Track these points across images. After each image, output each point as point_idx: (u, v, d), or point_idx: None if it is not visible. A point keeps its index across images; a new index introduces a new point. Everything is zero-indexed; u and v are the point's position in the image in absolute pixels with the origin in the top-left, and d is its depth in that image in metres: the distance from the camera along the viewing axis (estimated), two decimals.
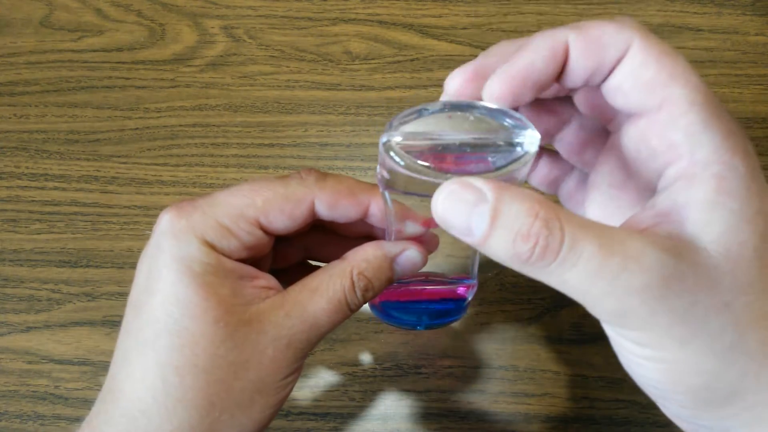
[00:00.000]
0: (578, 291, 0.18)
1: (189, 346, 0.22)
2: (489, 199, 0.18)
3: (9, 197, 0.43)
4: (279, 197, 0.24)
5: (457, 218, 0.18)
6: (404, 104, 0.45)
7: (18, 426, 0.37)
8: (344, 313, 0.24)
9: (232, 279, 0.23)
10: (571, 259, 0.17)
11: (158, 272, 0.22)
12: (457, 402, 0.38)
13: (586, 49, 0.20)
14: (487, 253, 0.18)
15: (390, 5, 0.48)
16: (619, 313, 0.18)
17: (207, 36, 0.47)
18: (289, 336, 0.23)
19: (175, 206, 0.23)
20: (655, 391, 0.19)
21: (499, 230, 0.17)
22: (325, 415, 0.37)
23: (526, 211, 0.17)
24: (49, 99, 0.45)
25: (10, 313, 0.40)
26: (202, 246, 0.23)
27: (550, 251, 0.17)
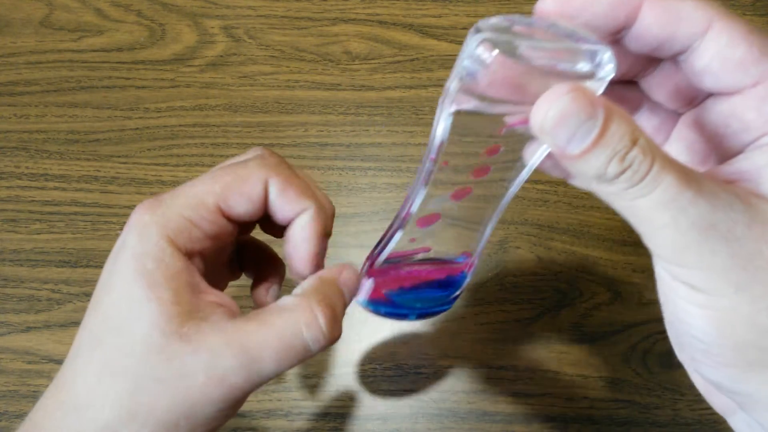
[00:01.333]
0: (644, 218, 0.18)
1: (128, 348, 0.21)
2: (599, 116, 0.17)
3: (9, 197, 0.43)
4: (237, 180, 0.24)
5: (563, 128, 0.17)
6: (404, 104, 0.45)
7: (18, 426, 0.37)
8: (297, 353, 0.22)
9: (178, 282, 0.22)
10: (650, 186, 0.17)
11: (118, 269, 0.22)
12: (457, 402, 0.38)
13: (661, 17, 0.19)
14: (572, 166, 0.18)
15: (390, 5, 0.48)
16: (679, 248, 0.18)
17: (207, 36, 0.47)
18: (225, 368, 0.21)
19: (144, 202, 0.23)
20: (700, 344, 0.19)
21: (600, 148, 0.17)
22: (325, 415, 0.37)
23: (630, 134, 0.17)
24: (49, 99, 0.45)
25: (10, 313, 0.40)
26: (161, 241, 0.22)
27: (637, 176, 0.17)
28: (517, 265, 0.41)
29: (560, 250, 0.41)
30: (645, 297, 0.40)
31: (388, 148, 0.44)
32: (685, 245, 0.17)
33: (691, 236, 0.17)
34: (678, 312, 0.19)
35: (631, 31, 0.20)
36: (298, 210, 0.25)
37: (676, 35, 0.19)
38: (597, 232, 0.41)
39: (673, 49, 0.20)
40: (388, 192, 0.43)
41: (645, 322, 0.39)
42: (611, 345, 0.39)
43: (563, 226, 0.41)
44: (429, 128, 0.42)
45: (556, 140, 0.18)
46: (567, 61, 0.18)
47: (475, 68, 0.19)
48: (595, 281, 0.40)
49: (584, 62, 0.19)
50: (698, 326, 0.18)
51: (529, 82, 0.18)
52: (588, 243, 0.41)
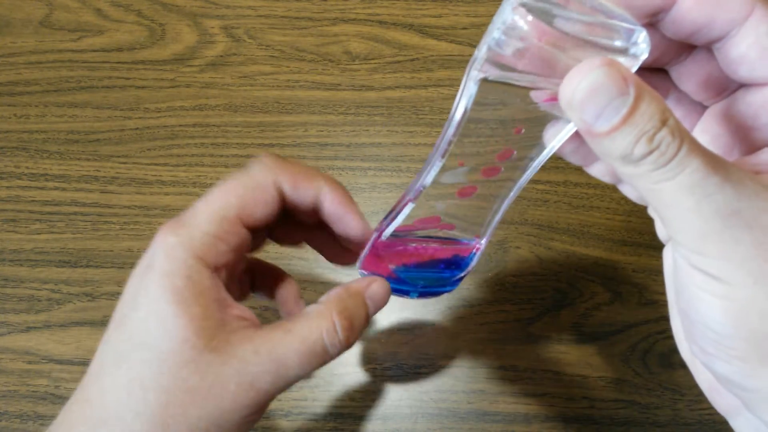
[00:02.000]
0: (668, 202, 0.17)
1: (157, 363, 0.22)
2: (631, 93, 0.17)
3: (9, 197, 0.43)
4: (250, 189, 0.25)
5: (592, 102, 0.17)
6: (404, 104, 0.45)
7: (18, 426, 0.37)
8: (318, 357, 0.23)
9: (206, 298, 0.23)
10: (676, 169, 0.17)
11: (145, 289, 0.23)
12: (457, 402, 0.38)
13: (702, 2, 0.19)
14: (597, 145, 0.18)
15: (390, 5, 0.48)
16: (701, 234, 0.17)
17: (207, 36, 0.47)
18: (254, 374, 0.22)
19: (166, 224, 0.24)
20: (713, 335, 0.18)
21: (628, 127, 0.17)
22: (325, 415, 0.37)
23: (660, 114, 0.17)
24: (49, 99, 0.45)
25: (10, 313, 0.40)
26: (189, 259, 0.23)
27: (664, 158, 0.17)
28: (517, 265, 0.41)
29: (560, 250, 0.41)
30: (645, 297, 0.40)
31: (388, 148, 0.44)
32: (708, 232, 0.17)
33: (714, 223, 0.17)
34: (693, 301, 0.19)
35: (670, 14, 0.19)
36: (314, 192, 0.26)
37: (716, 21, 0.19)
38: (597, 232, 0.41)
39: (710, 35, 0.19)
40: (388, 192, 0.43)
41: (645, 322, 0.39)
42: (611, 345, 0.39)
43: (563, 226, 0.41)
44: (429, 128, 0.43)
45: (585, 115, 0.17)
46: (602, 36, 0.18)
47: (507, 34, 0.18)
48: (595, 281, 0.40)
49: (619, 39, 0.18)
50: (713, 316, 0.18)
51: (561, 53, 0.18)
52: (588, 243, 0.41)
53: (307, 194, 0.26)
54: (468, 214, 0.27)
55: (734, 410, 0.21)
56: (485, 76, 0.20)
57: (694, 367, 0.23)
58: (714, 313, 0.18)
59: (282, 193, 0.26)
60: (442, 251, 0.28)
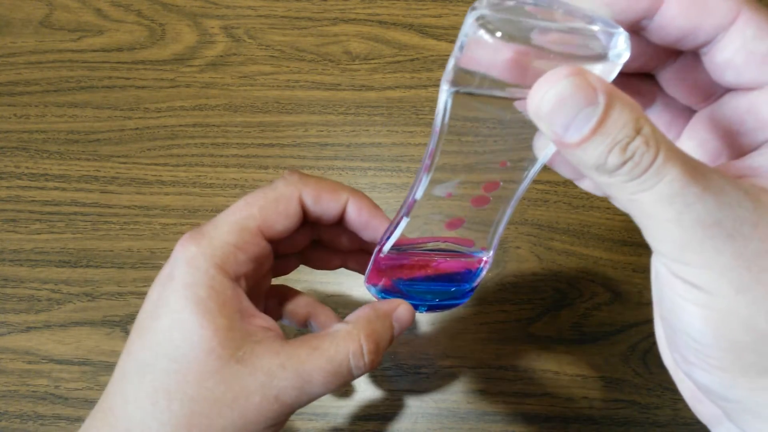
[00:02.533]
0: (646, 213, 0.17)
1: (182, 373, 0.22)
2: (600, 102, 0.16)
3: (9, 197, 0.43)
4: (271, 201, 0.25)
5: (560, 113, 0.16)
6: (404, 104, 0.45)
7: (18, 426, 0.37)
8: (342, 378, 0.24)
9: (230, 309, 0.23)
10: (653, 179, 0.16)
11: (166, 298, 0.23)
12: (457, 402, 0.38)
13: (687, 7, 0.19)
14: (570, 155, 0.17)
15: (390, 5, 0.48)
16: (681, 245, 0.17)
17: (207, 36, 0.47)
18: (279, 388, 0.23)
19: (186, 235, 0.24)
20: (694, 344, 0.18)
21: (599, 137, 0.16)
22: (325, 415, 0.38)
23: (633, 122, 0.16)
24: (49, 99, 0.45)
25: (10, 313, 0.40)
26: (210, 269, 0.23)
27: (639, 168, 0.16)
28: (517, 265, 0.41)
29: (560, 250, 0.41)
30: (645, 297, 0.40)
31: (388, 148, 0.44)
32: (688, 242, 0.17)
33: (694, 233, 0.16)
34: (675, 309, 0.18)
35: (654, 21, 0.19)
36: (338, 204, 0.27)
37: (701, 26, 0.19)
38: (597, 232, 0.41)
39: (696, 40, 0.19)
40: (388, 192, 0.43)
41: (645, 322, 0.39)
42: (611, 345, 0.39)
43: (563, 226, 0.41)
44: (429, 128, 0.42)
45: (553, 127, 0.17)
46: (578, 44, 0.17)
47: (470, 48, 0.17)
48: (595, 281, 0.40)
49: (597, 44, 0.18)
50: (694, 325, 0.18)
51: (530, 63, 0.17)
52: (588, 243, 0.41)
53: (331, 206, 0.26)
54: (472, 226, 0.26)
55: (716, 420, 0.21)
56: (456, 89, 0.19)
57: (677, 375, 0.23)
58: (695, 322, 0.18)
59: (305, 207, 0.26)
60: (448, 264, 0.28)
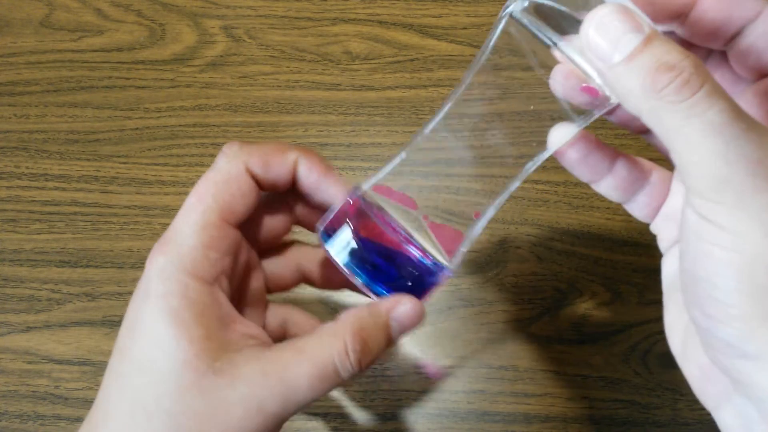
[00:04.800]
0: (693, 143, 0.17)
1: (159, 387, 0.21)
2: (645, 29, 0.17)
3: (9, 197, 0.43)
4: (222, 184, 0.24)
5: (607, 33, 0.18)
6: (404, 104, 0.45)
7: (18, 426, 0.37)
8: (331, 381, 0.22)
9: (209, 318, 0.22)
10: (703, 105, 0.17)
11: (142, 313, 0.22)
12: (457, 402, 0.38)
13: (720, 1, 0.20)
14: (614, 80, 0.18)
15: (390, 5, 0.48)
16: (721, 180, 0.17)
17: (207, 36, 0.47)
18: (262, 398, 0.21)
19: (154, 247, 0.23)
20: (715, 292, 0.18)
21: (646, 55, 0.17)
22: (325, 415, 0.37)
23: (679, 50, 0.17)
24: (49, 99, 0.45)
25: (10, 313, 0.40)
26: (181, 277, 0.22)
27: (689, 87, 0.17)
28: (517, 265, 0.41)
29: (560, 250, 0.41)
30: (645, 297, 0.40)
31: (388, 148, 0.44)
32: (729, 177, 0.17)
33: (738, 168, 0.17)
34: (699, 256, 0.19)
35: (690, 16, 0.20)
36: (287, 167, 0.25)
37: (732, 18, 0.20)
38: (597, 232, 0.41)
39: (727, 34, 0.20)
40: None
41: (645, 322, 0.39)
42: (611, 345, 0.39)
43: (563, 226, 0.41)
44: None
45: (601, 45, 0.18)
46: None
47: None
48: (595, 281, 0.40)
49: None
50: (718, 271, 0.18)
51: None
52: (588, 243, 0.41)
53: (281, 170, 0.25)
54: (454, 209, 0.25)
55: (724, 397, 0.21)
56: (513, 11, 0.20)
57: (684, 358, 0.22)
58: (719, 268, 0.18)
59: (256, 177, 0.25)
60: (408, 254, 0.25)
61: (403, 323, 0.24)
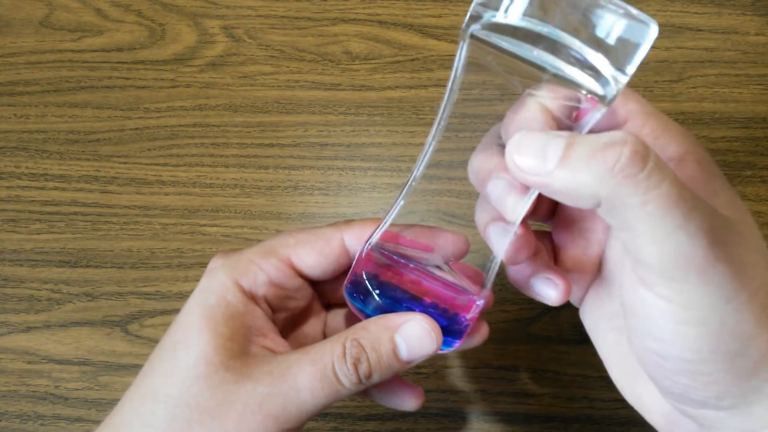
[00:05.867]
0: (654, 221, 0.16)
1: (172, 375, 0.22)
2: (563, 134, 0.18)
3: (9, 197, 0.43)
4: (311, 236, 0.25)
5: (531, 153, 0.17)
6: (404, 104, 0.45)
7: (18, 426, 0.37)
8: (330, 385, 0.22)
9: (238, 322, 0.23)
10: (658, 176, 0.16)
11: (186, 306, 0.24)
12: (457, 402, 0.38)
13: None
14: (561, 184, 0.17)
15: (390, 5, 0.48)
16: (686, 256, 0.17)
17: (207, 36, 0.47)
18: (263, 395, 0.21)
19: (220, 251, 0.25)
20: (689, 366, 0.18)
21: (580, 146, 0.17)
22: (325, 415, 0.37)
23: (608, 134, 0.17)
24: (49, 99, 0.45)
25: (10, 313, 0.40)
26: (226, 280, 0.23)
27: (639, 156, 0.16)
28: None
29: None
30: None
31: (388, 148, 0.44)
32: (691, 252, 0.17)
33: (698, 241, 0.17)
34: (666, 336, 0.18)
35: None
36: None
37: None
38: None
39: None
40: (388, 192, 0.43)
41: None
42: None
43: None
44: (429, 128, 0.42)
45: (532, 164, 0.18)
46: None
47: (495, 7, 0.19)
48: None
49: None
50: (689, 346, 0.18)
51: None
52: None
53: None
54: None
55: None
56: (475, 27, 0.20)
57: (642, 407, 0.24)
58: (689, 342, 0.18)
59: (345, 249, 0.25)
60: (436, 291, 0.24)
61: (411, 343, 0.23)
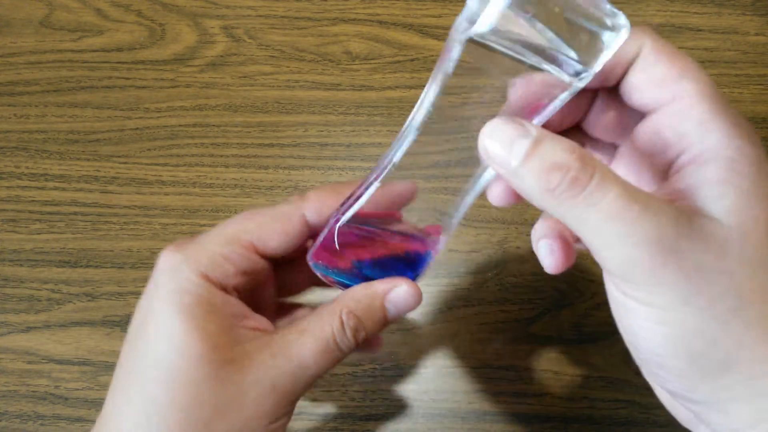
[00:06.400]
0: (594, 233, 0.18)
1: (172, 382, 0.22)
2: (531, 131, 0.18)
3: (9, 197, 0.43)
4: (269, 217, 0.25)
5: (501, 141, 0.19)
6: (404, 104, 0.45)
7: (18, 426, 0.37)
8: (333, 355, 0.24)
9: (221, 315, 0.23)
10: (597, 196, 0.18)
11: (152, 307, 0.23)
12: (457, 402, 0.38)
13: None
14: (516, 183, 0.19)
15: (390, 5, 0.48)
16: (630, 262, 0.18)
17: (207, 36, 0.47)
18: (273, 377, 0.22)
19: (172, 244, 0.24)
20: (657, 359, 0.20)
21: (536, 158, 0.18)
22: (326, 415, 0.38)
23: (565, 147, 0.18)
24: (49, 99, 0.45)
25: (10, 313, 0.40)
26: (195, 277, 0.23)
27: (579, 183, 0.18)
28: (517, 265, 0.41)
29: None
30: None
31: (388, 148, 0.44)
32: (636, 259, 0.18)
33: (641, 250, 0.18)
34: (634, 329, 0.20)
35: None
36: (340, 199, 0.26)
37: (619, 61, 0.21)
38: None
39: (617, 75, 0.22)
40: None
41: None
42: (611, 345, 0.39)
43: None
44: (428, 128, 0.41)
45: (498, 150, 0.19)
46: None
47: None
48: (595, 281, 0.40)
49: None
50: (654, 341, 0.19)
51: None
52: None
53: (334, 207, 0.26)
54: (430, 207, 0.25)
55: (693, 422, 0.22)
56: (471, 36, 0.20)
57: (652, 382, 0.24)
58: (654, 338, 0.19)
59: (310, 223, 0.25)
60: (399, 246, 0.26)
61: (399, 306, 0.25)
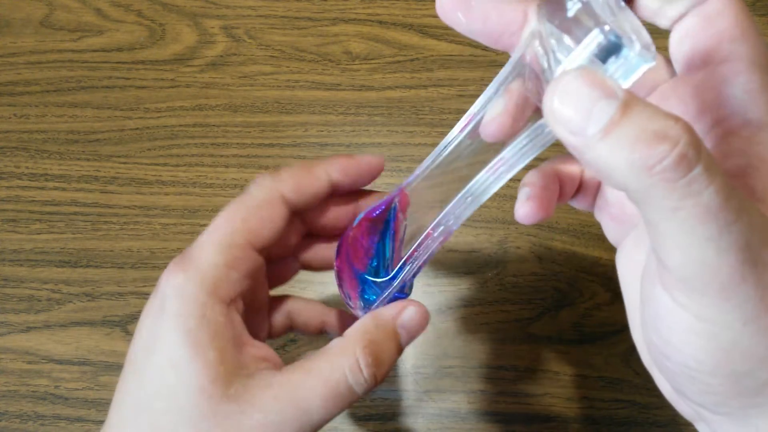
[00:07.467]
0: (683, 229, 0.15)
1: (177, 414, 0.21)
2: (619, 94, 0.14)
3: (9, 197, 0.43)
4: (252, 209, 0.24)
5: (575, 105, 0.14)
6: (404, 104, 0.45)
7: (18, 426, 0.37)
8: (344, 398, 0.22)
9: (222, 340, 0.22)
10: (699, 184, 0.14)
11: (158, 332, 0.22)
12: (457, 402, 0.38)
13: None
14: (591, 157, 0.15)
15: (390, 5, 0.48)
16: (708, 271, 0.15)
17: (207, 36, 0.47)
18: (276, 424, 0.21)
19: (172, 264, 0.23)
20: (691, 372, 0.17)
21: (627, 124, 0.14)
22: None
23: (665, 114, 0.14)
24: (49, 99, 0.45)
25: (10, 313, 0.40)
26: (201, 296, 0.22)
27: (685, 163, 0.14)
28: (517, 265, 0.41)
29: (560, 250, 0.41)
30: None
31: (388, 148, 0.44)
32: (718, 268, 0.15)
33: (727, 257, 0.15)
34: (671, 339, 0.17)
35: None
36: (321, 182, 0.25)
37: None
38: (597, 232, 0.41)
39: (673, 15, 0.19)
40: (388, 192, 0.43)
41: None
42: (611, 345, 0.39)
43: (563, 226, 0.41)
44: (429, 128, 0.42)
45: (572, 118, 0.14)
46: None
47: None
48: (595, 281, 0.40)
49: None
50: (694, 356, 0.17)
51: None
52: (588, 243, 0.41)
53: (315, 187, 0.25)
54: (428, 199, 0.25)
55: (696, 417, 0.21)
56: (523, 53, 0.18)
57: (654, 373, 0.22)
58: (695, 353, 0.17)
59: (289, 203, 0.24)
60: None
61: (411, 329, 0.24)
